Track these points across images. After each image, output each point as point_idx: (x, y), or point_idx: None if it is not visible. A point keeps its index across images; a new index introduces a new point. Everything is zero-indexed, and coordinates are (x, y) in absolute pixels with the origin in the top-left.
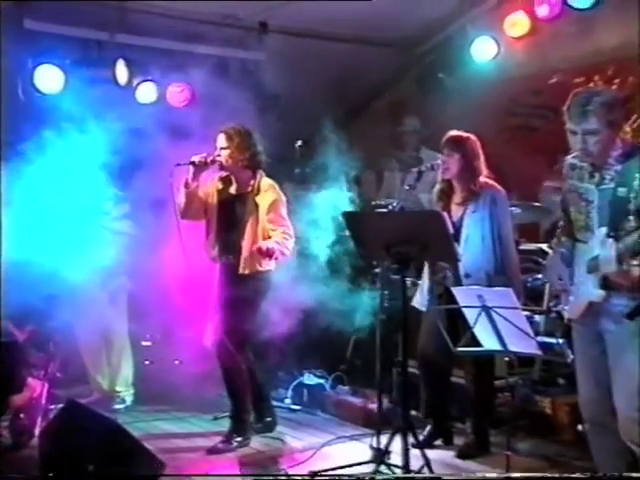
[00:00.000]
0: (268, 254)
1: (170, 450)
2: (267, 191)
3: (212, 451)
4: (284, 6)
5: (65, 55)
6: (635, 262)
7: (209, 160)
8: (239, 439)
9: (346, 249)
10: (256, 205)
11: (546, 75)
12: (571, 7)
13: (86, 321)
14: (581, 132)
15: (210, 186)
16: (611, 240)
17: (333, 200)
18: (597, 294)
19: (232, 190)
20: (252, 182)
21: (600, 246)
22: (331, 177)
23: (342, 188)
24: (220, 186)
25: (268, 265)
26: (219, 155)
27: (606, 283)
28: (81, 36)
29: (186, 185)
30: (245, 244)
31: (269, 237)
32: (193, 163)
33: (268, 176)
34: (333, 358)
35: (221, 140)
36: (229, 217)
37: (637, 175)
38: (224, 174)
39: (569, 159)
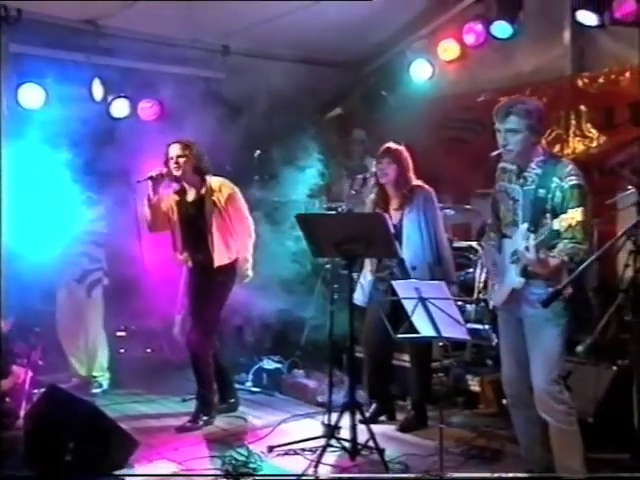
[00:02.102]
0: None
1: (143, 429)
2: (221, 188)
3: (181, 429)
4: (244, 31)
5: (46, 75)
6: (549, 253)
7: (165, 172)
8: (205, 418)
9: (301, 248)
10: (214, 203)
11: (475, 94)
12: (494, 37)
13: (65, 313)
14: (503, 130)
15: (167, 200)
16: (530, 234)
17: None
18: (518, 281)
19: (188, 198)
20: (204, 185)
21: (522, 239)
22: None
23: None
24: (177, 198)
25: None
26: (177, 163)
27: (526, 272)
28: (60, 58)
29: (148, 199)
30: (216, 240)
31: (234, 229)
32: (151, 177)
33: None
34: (289, 345)
35: (176, 149)
36: (192, 223)
37: (554, 179)
38: (177, 187)
39: (501, 164)
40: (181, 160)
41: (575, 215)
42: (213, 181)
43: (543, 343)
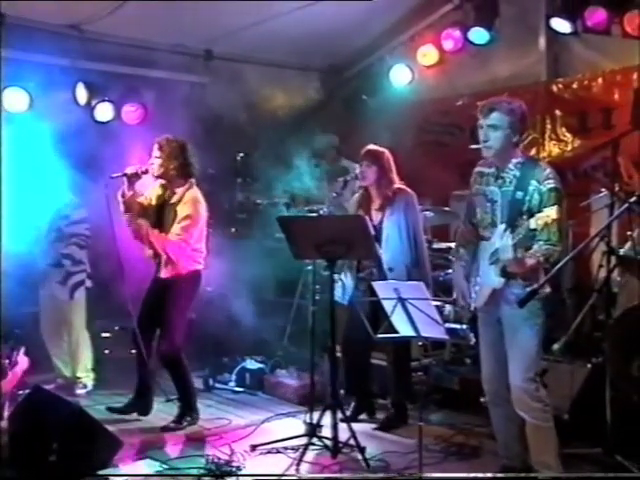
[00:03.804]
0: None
1: (127, 429)
2: (186, 204)
3: (165, 429)
4: (226, 36)
5: (30, 79)
6: (526, 254)
7: (140, 171)
8: (189, 419)
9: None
10: (176, 213)
11: (453, 98)
12: (472, 43)
13: (47, 315)
14: (485, 126)
15: (151, 191)
16: (508, 233)
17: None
18: (498, 281)
19: (166, 197)
20: (180, 191)
21: (499, 239)
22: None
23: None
24: (159, 192)
25: (194, 266)
26: (152, 164)
27: (505, 272)
28: (45, 62)
29: (122, 195)
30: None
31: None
32: (126, 175)
33: (207, 185)
34: (271, 345)
35: (155, 150)
36: (159, 222)
37: (532, 182)
38: (164, 181)
39: (477, 168)
40: (156, 161)
41: (550, 213)
42: (187, 194)
43: (521, 342)
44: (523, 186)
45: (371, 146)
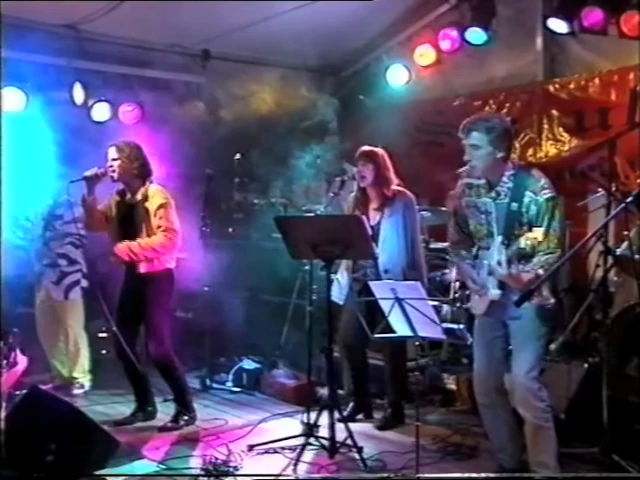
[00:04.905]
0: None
1: (124, 429)
2: (154, 196)
3: (162, 429)
4: (223, 35)
5: (26, 78)
6: (521, 266)
7: (100, 173)
8: (186, 418)
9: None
10: (146, 211)
11: (450, 98)
12: (469, 43)
13: (43, 315)
14: (468, 145)
15: (109, 199)
16: (504, 248)
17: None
18: (495, 293)
19: (127, 200)
20: (142, 190)
21: (497, 252)
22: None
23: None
24: (117, 198)
25: (167, 264)
26: (111, 166)
27: (503, 284)
28: (41, 62)
29: (83, 200)
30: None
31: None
32: (85, 178)
33: (204, 185)
34: (268, 345)
35: (112, 152)
36: (126, 225)
37: (527, 192)
38: (120, 187)
39: (464, 180)
40: (115, 163)
41: (537, 235)
42: (150, 188)
43: (528, 342)
44: (517, 197)
45: (366, 147)
